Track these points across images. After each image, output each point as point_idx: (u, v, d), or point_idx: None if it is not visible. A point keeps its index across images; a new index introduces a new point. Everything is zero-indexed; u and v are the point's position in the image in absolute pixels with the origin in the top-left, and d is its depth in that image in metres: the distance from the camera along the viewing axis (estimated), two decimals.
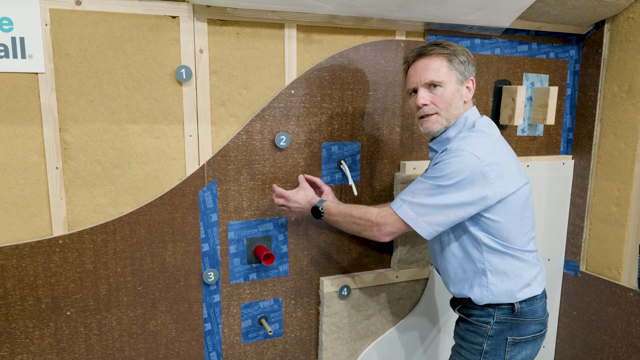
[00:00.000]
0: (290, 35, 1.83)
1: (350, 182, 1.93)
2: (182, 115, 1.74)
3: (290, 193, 1.79)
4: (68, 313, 1.69)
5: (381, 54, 1.97)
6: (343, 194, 2.01)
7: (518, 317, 1.61)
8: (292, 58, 1.85)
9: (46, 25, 1.54)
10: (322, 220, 1.81)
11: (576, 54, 2.36)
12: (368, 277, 2.07)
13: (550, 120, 2.21)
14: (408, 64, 1.66)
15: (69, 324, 1.70)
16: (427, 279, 2.18)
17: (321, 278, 2.03)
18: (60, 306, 1.68)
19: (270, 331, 1.89)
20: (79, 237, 1.67)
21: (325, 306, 2.01)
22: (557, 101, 2.34)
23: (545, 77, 2.31)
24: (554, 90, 2.18)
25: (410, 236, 2.09)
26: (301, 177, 1.85)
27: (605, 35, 2.24)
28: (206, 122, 1.78)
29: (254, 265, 1.92)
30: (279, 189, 1.81)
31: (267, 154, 1.87)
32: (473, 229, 1.57)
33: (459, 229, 1.61)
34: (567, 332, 2.53)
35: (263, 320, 1.95)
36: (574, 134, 2.42)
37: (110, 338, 1.76)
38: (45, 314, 1.67)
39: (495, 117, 2.23)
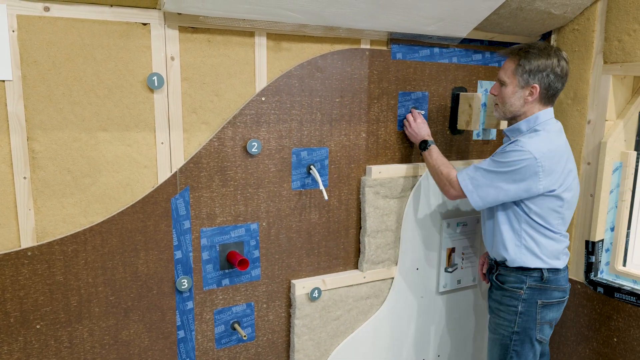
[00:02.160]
0: (260, 43, 1.86)
1: (321, 186, 1.98)
2: (153, 123, 1.73)
3: (417, 122, 2.14)
4: (38, 326, 1.65)
5: (347, 61, 2.04)
6: (313, 198, 2.06)
7: (545, 283, 1.95)
8: (262, 65, 1.88)
9: (13, 31, 1.49)
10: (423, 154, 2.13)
11: None
12: (337, 278, 2.13)
13: (503, 125, 2.35)
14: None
15: (39, 337, 1.66)
16: (393, 278, 2.26)
17: (292, 281, 2.06)
18: (29, 319, 1.63)
19: (244, 336, 1.91)
20: (49, 248, 1.63)
21: (297, 309, 2.05)
22: None
23: None
24: None
25: (377, 238, 2.17)
26: (418, 113, 2.17)
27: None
28: (178, 130, 1.78)
29: (226, 270, 1.93)
30: (417, 113, 2.16)
31: (239, 161, 1.89)
32: (517, 208, 1.92)
33: (507, 205, 1.94)
34: None
35: (236, 325, 1.97)
36: None
37: (81, 350, 1.73)
38: (14, 328, 1.62)
39: (453, 122, 2.35)
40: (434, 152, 2.06)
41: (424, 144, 2.09)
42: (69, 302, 1.69)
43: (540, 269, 1.94)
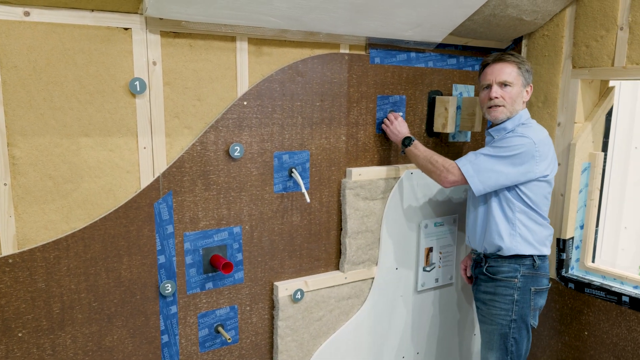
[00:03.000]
0: (242, 48, 1.88)
1: (303, 189, 2.01)
2: (135, 128, 1.73)
3: (398, 121, 2.21)
4: (20, 334, 1.63)
5: (327, 66, 2.07)
6: (294, 201, 2.08)
7: (537, 270, 2.08)
8: (244, 70, 1.90)
9: None
10: (403, 155, 2.31)
11: None
12: (319, 279, 2.16)
13: (478, 127, 2.42)
14: (486, 65, 2.10)
15: (21, 345, 1.63)
16: (373, 278, 2.30)
17: (275, 283, 2.08)
18: (11, 328, 1.61)
19: (229, 339, 1.92)
20: (30, 255, 1.61)
21: (280, 310, 2.07)
22: None
23: (471, 88, 2.51)
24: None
25: (357, 239, 2.21)
26: (397, 114, 2.25)
27: (523, 50, 2.49)
28: (160, 134, 1.78)
29: (210, 274, 1.94)
30: (396, 114, 2.24)
31: (222, 165, 1.90)
32: (511, 198, 2.03)
33: (500, 195, 2.05)
34: None
35: (220, 328, 1.98)
36: None
37: (65, 357, 1.71)
38: None
39: (429, 125, 2.40)
40: (420, 145, 2.14)
41: (408, 140, 2.16)
42: (51, 309, 1.67)
43: (531, 256, 2.07)
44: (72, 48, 1.59)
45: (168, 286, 1.84)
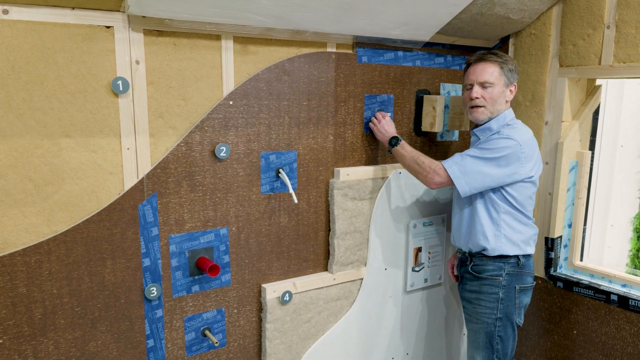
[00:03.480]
0: (227, 46, 1.85)
1: (290, 190, 1.98)
2: (118, 128, 1.69)
3: (385, 120, 2.18)
4: (0, 341, 1.58)
5: (314, 65, 2.05)
6: (282, 201, 2.06)
7: (522, 269, 2.08)
8: (230, 69, 1.87)
9: None
10: (389, 154, 2.28)
11: None
12: (308, 281, 2.13)
13: (466, 126, 2.41)
14: (469, 64, 2.09)
15: (2, 352, 1.59)
16: (362, 279, 2.28)
17: (263, 285, 2.06)
18: None
19: (216, 342, 1.89)
20: (10, 259, 1.57)
21: (268, 313, 2.04)
22: None
23: (459, 87, 2.50)
24: None
25: (346, 239, 2.19)
26: (385, 114, 2.23)
27: (510, 49, 2.49)
28: (144, 135, 1.74)
29: (196, 277, 1.91)
30: (383, 114, 2.22)
31: (207, 165, 1.87)
32: (496, 199, 2.02)
33: (485, 196, 2.04)
34: None
35: (207, 332, 1.95)
36: None
37: None
38: None
39: (417, 124, 2.39)
40: (407, 146, 2.12)
41: (395, 140, 2.13)
42: (33, 315, 1.63)
43: (516, 256, 2.06)
44: (52, 47, 1.55)
45: (153, 289, 1.81)
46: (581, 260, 2.46)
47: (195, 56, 1.79)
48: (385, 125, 2.18)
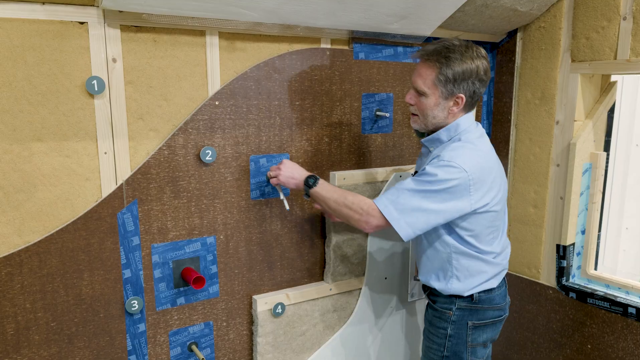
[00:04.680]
0: (212, 43, 1.73)
1: (282, 195, 1.86)
2: (95, 131, 1.58)
3: (285, 165, 1.78)
4: None
5: (307, 62, 1.92)
6: (273, 208, 1.94)
7: (477, 304, 1.75)
8: (215, 67, 1.75)
9: None
10: (307, 199, 1.85)
11: (491, 61, 2.45)
12: (302, 292, 2.01)
13: None
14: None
15: None
16: (360, 289, 2.16)
17: (254, 297, 1.94)
18: None
19: (202, 358, 1.78)
20: None
21: (259, 326, 1.92)
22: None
23: None
24: None
25: (342, 248, 2.06)
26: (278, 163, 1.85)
27: (518, 43, 2.34)
28: (123, 138, 1.63)
29: (181, 289, 1.79)
30: (278, 164, 1.81)
31: (192, 170, 1.76)
32: (445, 234, 1.70)
33: (433, 233, 1.72)
34: None
35: (194, 347, 1.83)
36: (491, 139, 2.51)
37: None
38: None
39: None
40: (327, 184, 1.74)
41: (313, 179, 1.73)
42: (5, 331, 1.53)
43: (471, 295, 1.75)
44: (21, 45, 1.44)
45: (134, 303, 1.69)
46: (595, 269, 2.31)
47: (177, 53, 1.68)
48: (288, 169, 1.77)
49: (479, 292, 1.74)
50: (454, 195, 1.58)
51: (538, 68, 2.27)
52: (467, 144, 1.65)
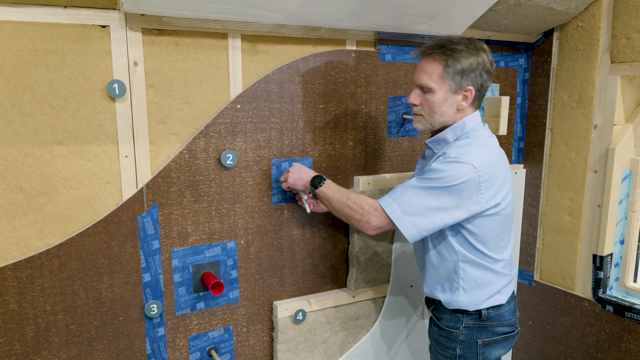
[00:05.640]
0: (235, 45, 1.71)
1: (303, 199, 1.82)
2: (116, 135, 1.58)
3: (292, 169, 1.76)
4: None
5: (332, 64, 1.88)
6: (295, 212, 1.90)
7: (485, 321, 1.66)
8: (237, 70, 1.73)
9: None
10: (315, 200, 1.83)
11: (525, 62, 2.35)
12: (324, 298, 1.97)
13: (503, 130, 2.17)
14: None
15: None
16: (385, 297, 2.10)
17: (274, 303, 1.91)
18: None
19: None
20: (1, 274, 1.48)
21: (279, 332, 1.89)
22: (508, 110, 2.32)
23: (496, 86, 2.28)
24: (505, 100, 2.14)
25: (367, 253, 2.01)
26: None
27: (554, 44, 2.24)
28: (144, 141, 1.62)
29: (201, 293, 1.78)
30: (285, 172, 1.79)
31: (213, 174, 1.74)
32: (452, 239, 1.59)
33: (439, 237, 1.62)
34: (523, 342, 2.51)
35: (213, 352, 1.82)
36: (525, 143, 2.41)
37: None
38: None
39: None
40: (334, 185, 1.68)
41: (319, 179, 1.69)
42: (25, 332, 1.54)
43: (478, 310, 1.65)
44: (43, 49, 1.45)
45: (154, 307, 1.69)
46: (635, 281, 2.19)
47: (199, 56, 1.66)
48: (298, 170, 1.75)
49: (487, 309, 1.65)
50: (462, 193, 1.48)
51: (575, 69, 2.16)
52: (475, 140, 1.57)
